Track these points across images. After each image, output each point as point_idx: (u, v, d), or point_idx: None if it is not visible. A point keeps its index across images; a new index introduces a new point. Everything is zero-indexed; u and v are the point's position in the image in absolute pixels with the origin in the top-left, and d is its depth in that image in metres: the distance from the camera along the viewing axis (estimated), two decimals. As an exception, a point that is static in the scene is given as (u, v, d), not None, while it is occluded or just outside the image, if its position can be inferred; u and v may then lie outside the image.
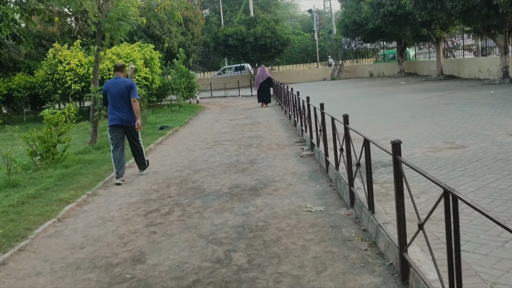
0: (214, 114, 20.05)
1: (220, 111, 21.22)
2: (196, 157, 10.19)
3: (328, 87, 29.91)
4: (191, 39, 36.56)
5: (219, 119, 17.97)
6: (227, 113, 20.00)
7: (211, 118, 18.41)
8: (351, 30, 32.86)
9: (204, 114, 20.44)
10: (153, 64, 21.72)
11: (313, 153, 9.40)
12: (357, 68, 39.50)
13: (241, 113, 19.63)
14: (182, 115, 19.47)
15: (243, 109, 21.48)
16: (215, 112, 21.17)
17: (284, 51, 38.73)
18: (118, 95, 8.20)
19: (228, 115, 19.03)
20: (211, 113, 20.69)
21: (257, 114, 18.69)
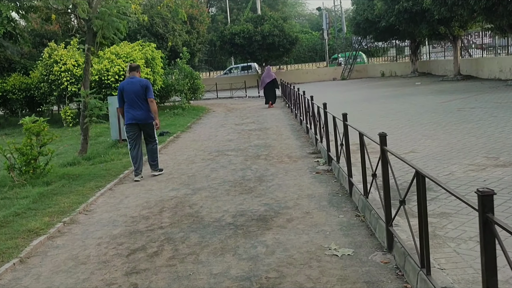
0: (219, 118, 18.81)
1: (226, 114, 19.98)
2: (197, 171, 8.95)
3: (339, 88, 28.60)
4: (196, 37, 35.31)
5: (224, 123, 16.74)
6: (233, 117, 18.76)
7: (216, 123, 17.17)
8: (363, 28, 31.51)
9: (209, 118, 19.21)
10: (154, 64, 20.50)
11: (330, 168, 8.14)
12: (368, 68, 38.14)
13: (248, 116, 18.39)
14: (184, 118, 18.25)
15: (250, 111, 20.23)
16: (220, 115, 19.94)
17: (292, 50, 37.42)
18: (134, 94, 8.35)
19: (234, 119, 17.79)
20: (216, 116, 19.47)
21: (265, 117, 17.44)
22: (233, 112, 20.54)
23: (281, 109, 20.51)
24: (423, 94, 19.28)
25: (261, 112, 19.76)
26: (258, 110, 20.78)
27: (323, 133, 8.98)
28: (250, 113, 19.66)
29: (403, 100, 17.71)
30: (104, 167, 9.69)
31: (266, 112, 19.59)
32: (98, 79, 18.66)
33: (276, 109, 20.39)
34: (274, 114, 18.37)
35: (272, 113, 19.01)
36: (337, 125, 7.41)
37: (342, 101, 19.21)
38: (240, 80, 35.41)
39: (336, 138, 7.52)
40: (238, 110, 21.55)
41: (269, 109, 20.65)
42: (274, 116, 17.66)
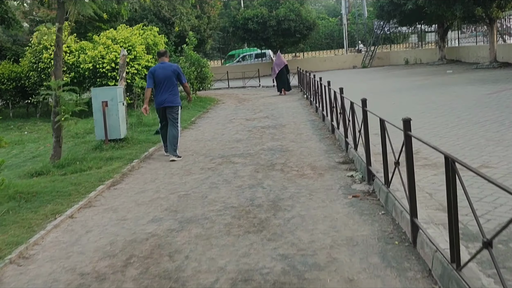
0: (228, 111, 16.61)
1: (236, 107, 17.76)
2: (191, 188, 6.78)
3: (361, 76, 26.17)
4: (207, 23, 33.07)
5: (233, 118, 14.54)
6: (244, 109, 16.55)
7: (224, 117, 14.97)
8: (387, 11, 28.93)
9: (217, 110, 17.01)
10: (156, 50, 18.31)
11: (372, 189, 5.91)
12: (390, 55, 35.56)
13: (261, 109, 16.16)
14: (189, 112, 16.04)
15: (264, 103, 17.99)
16: (230, 107, 17.72)
17: (310, 36, 34.98)
18: (165, 79, 8.74)
19: (245, 113, 15.58)
20: (225, 109, 17.26)
21: (281, 111, 15.20)
22: (245, 104, 18.31)
23: (299, 100, 18.23)
24: (461, 84, 16.85)
25: (276, 104, 17.51)
26: (273, 101, 18.53)
27: (360, 138, 6.73)
28: (264, 105, 17.41)
29: (440, 91, 15.33)
30: (75, 180, 7.56)
31: (281, 104, 17.33)
32: (92, 67, 16.59)
33: (292, 101, 18.12)
34: (290, 107, 16.11)
35: (288, 105, 16.74)
36: (386, 130, 5.17)
37: (368, 92, 16.83)
38: (253, 68, 33.10)
39: (385, 149, 5.27)
40: (250, 101, 19.33)
41: (285, 101, 18.39)
42: (291, 110, 15.40)
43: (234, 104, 18.83)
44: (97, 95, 10.44)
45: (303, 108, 15.64)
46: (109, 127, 10.43)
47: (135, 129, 12.59)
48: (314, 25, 33.92)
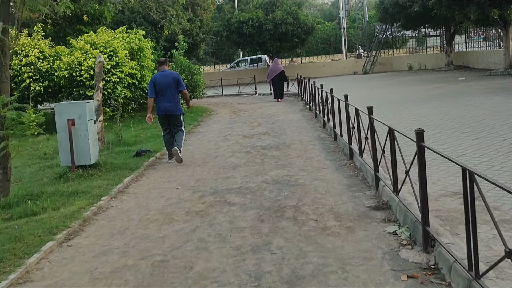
0: (222, 124, 14.73)
1: (231, 119, 15.89)
2: (170, 250, 4.88)
3: (365, 83, 24.36)
4: (199, 26, 31.26)
5: (228, 133, 12.67)
6: (240, 122, 14.69)
7: (217, 132, 13.09)
8: (391, 14, 27.18)
9: (209, 123, 15.14)
10: (142, 56, 16.43)
11: (434, 262, 4.02)
12: (393, 60, 33.83)
13: (260, 122, 14.31)
14: (194, 118, 14.23)
15: (262, 115, 16.14)
16: (224, 120, 15.85)
17: (308, 40, 33.21)
18: (166, 86, 8.97)
19: (241, 127, 13.73)
20: (219, 122, 15.39)
21: (282, 125, 13.36)
22: (241, 116, 16.44)
23: (301, 112, 16.38)
24: (482, 94, 15.06)
25: (275, 116, 15.65)
26: (272, 112, 16.68)
27: (391, 168, 4.85)
28: (262, 117, 15.55)
29: (462, 102, 13.52)
30: (18, 230, 5.66)
31: (282, 116, 15.47)
32: (69, 75, 14.68)
33: (294, 112, 16.28)
34: (293, 120, 14.26)
35: (290, 118, 14.89)
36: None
37: (378, 102, 15.02)
38: (249, 74, 31.28)
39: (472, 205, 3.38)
40: (247, 112, 17.46)
41: (286, 112, 16.55)
42: (293, 123, 13.55)
43: (229, 115, 16.95)
44: (62, 112, 8.53)
45: (307, 122, 13.79)
46: (77, 150, 8.52)
47: (112, 149, 10.69)
48: (313, 29, 32.15)
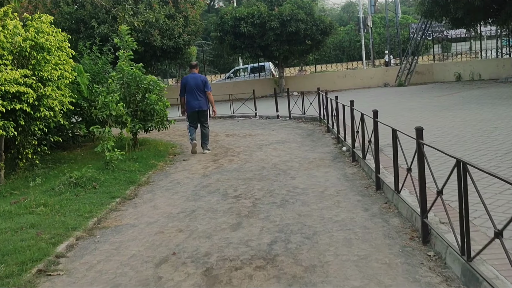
0: (178, 199, 7.16)
1: (202, 179, 8.33)
2: None
3: (409, 101, 16.76)
4: (183, 25, 23.84)
5: (173, 249, 5.10)
6: (215, 195, 7.15)
7: (149, 240, 5.52)
8: (442, 5, 19.60)
9: (151, 197, 7.54)
10: (44, 60, 8.95)
11: None
12: (434, 68, 26.26)
13: (257, 197, 6.79)
14: (93, 198, 6.76)
15: (264, 167, 8.65)
16: (188, 182, 8.26)
17: (325, 42, 25.70)
18: (196, 87, 10.50)
19: (214, 213, 6.19)
20: (174, 190, 7.81)
21: (308, 212, 5.83)
22: (223, 170, 8.88)
23: (332, 156, 8.79)
24: None
25: (288, 170, 8.14)
26: (281, 157, 9.14)
27: None
28: (263, 176, 8.02)
29: None
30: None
31: (301, 173, 7.91)
32: None
33: (322, 158, 8.72)
34: (327, 189, 6.67)
35: (321, 180, 7.31)
36: None
37: (470, 138, 7.54)
38: (247, 87, 23.85)
39: None
40: (237, 157, 9.96)
41: (307, 160, 8.98)
42: (334, 209, 5.96)
43: (203, 166, 9.39)
44: None
45: (359, 192, 6.26)
46: None
47: None
48: (331, 28, 24.64)
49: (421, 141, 4.43)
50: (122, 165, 8.95)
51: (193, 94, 10.45)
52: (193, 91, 10.44)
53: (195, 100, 10.47)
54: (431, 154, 5.87)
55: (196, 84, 10.48)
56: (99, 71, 12.82)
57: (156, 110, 10.56)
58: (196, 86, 10.47)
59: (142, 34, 22.25)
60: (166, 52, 24.09)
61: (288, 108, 16.20)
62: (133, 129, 10.31)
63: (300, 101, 15.94)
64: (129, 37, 10.99)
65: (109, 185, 7.77)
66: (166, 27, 22.90)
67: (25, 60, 8.79)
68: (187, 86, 10.49)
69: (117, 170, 8.68)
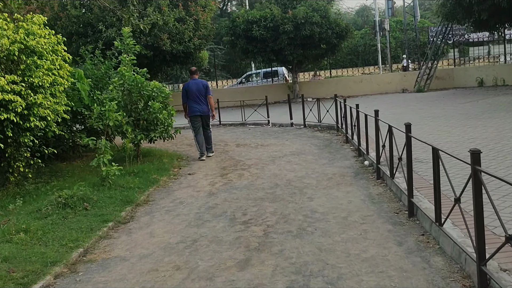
0: (178, 224, 6.27)
1: (208, 198, 7.42)
2: None
3: (429, 108, 15.71)
4: (193, 29, 23.05)
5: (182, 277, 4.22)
6: (221, 220, 6.24)
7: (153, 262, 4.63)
8: (466, 7, 18.55)
9: (156, 217, 6.67)
10: (33, 65, 8.12)
11: None
12: (455, 73, 25.15)
13: (269, 223, 5.88)
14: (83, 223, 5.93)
15: (277, 184, 7.74)
16: (192, 202, 7.37)
17: (341, 46, 24.73)
18: (198, 92, 10.66)
19: (219, 245, 5.27)
20: (175, 212, 6.92)
21: (331, 245, 4.87)
22: (232, 187, 7.98)
23: (352, 171, 7.82)
24: None
25: (305, 188, 7.22)
26: (296, 172, 8.21)
27: None
28: (276, 196, 7.12)
29: None
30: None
31: (320, 193, 6.99)
32: None
33: (342, 174, 7.78)
34: (350, 214, 5.72)
35: (343, 202, 6.37)
36: None
37: None
38: (260, 93, 23.00)
39: None
40: (248, 171, 9.05)
41: (326, 177, 8.03)
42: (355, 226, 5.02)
43: (210, 182, 8.48)
44: None
45: (388, 218, 5.31)
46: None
47: None
48: (347, 32, 23.66)
49: (478, 168, 3.48)
50: (120, 181, 8.08)
51: (195, 99, 10.61)
52: (195, 96, 10.61)
53: (197, 104, 10.65)
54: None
55: (198, 89, 10.67)
56: (102, 76, 12.00)
57: (160, 119, 9.68)
58: (198, 91, 10.66)
59: (151, 38, 21.52)
60: (176, 57, 23.26)
61: (303, 115, 15.26)
62: (135, 139, 9.44)
63: (316, 108, 14.99)
64: (131, 39, 10.12)
65: (103, 205, 6.89)
66: (176, 30, 22.13)
67: (14, 65, 7.97)
68: (189, 91, 10.63)
69: (114, 187, 7.81)
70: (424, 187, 6.12)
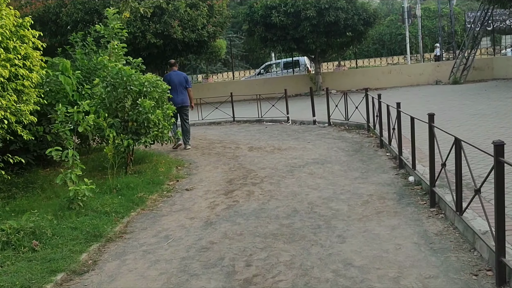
0: (168, 265, 4.44)
1: (207, 225, 5.57)
2: None
3: (482, 105, 13.52)
4: (207, 15, 21.18)
5: None
6: (232, 252, 4.40)
7: None
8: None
9: (128, 263, 4.85)
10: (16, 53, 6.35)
11: None
12: (494, 63, 22.80)
13: (290, 259, 4.00)
14: (20, 276, 4.16)
15: (295, 209, 5.85)
16: (190, 229, 5.54)
17: (367, 34, 22.59)
18: (179, 84, 10.90)
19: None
20: (164, 249, 5.11)
21: None
22: (237, 212, 6.11)
23: (401, 203, 5.89)
24: None
25: (338, 217, 5.30)
26: (324, 191, 6.31)
27: None
28: (300, 224, 5.26)
29: None
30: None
31: (355, 227, 5.07)
32: None
33: (382, 195, 5.85)
34: (405, 272, 3.81)
35: (387, 252, 4.46)
36: None
37: None
38: (279, 84, 21.09)
39: None
40: (259, 186, 7.19)
41: (364, 200, 6.11)
42: None
43: (208, 207, 6.61)
44: None
45: (465, 285, 3.37)
46: None
47: None
48: (375, 18, 21.50)
49: None
50: (94, 203, 6.29)
51: (176, 89, 10.72)
52: (177, 88, 10.74)
53: (178, 96, 10.78)
54: None
55: (179, 81, 10.91)
56: (94, 68, 10.22)
57: (152, 120, 7.83)
58: (179, 82, 10.89)
59: (161, 25, 19.71)
60: (188, 46, 21.41)
61: (328, 111, 13.29)
62: (120, 146, 7.61)
63: (342, 103, 12.99)
64: (118, 22, 8.28)
65: (60, 243, 5.10)
66: (187, 17, 20.26)
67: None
68: (171, 83, 10.59)
69: (85, 212, 6.03)
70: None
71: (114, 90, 7.70)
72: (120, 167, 8.23)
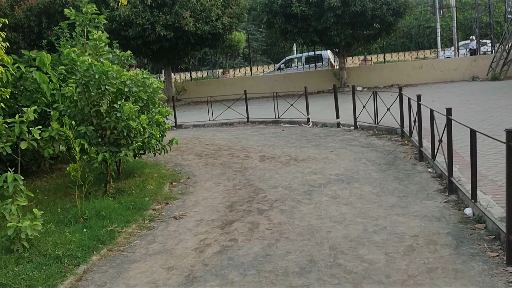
0: None
1: (188, 281, 3.96)
2: None
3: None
4: (222, 6, 19.58)
5: None
6: None
7: None
8: None
9: None
10: None
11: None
12: (538, 57, 20.64)
13: None
14: None
15: (314, 234, 4.22)
16: (167, 284, 3.93)
17: (397, 26, 20.67)
18: None
19: None
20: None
21: None
22: (231, 260, 4.49)
23: (461, 253, 4.18)
24: None
25: (375, 274, 3.63)
26: (350, 231, 4.65)
27: None
28: (319, 287, 3.57)
29: None
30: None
31: None
32: None
33: (438, 266, 4.13)
34: None
35: None
36: None
37: None
38: (300, 80, 19.37)
39: None
40: (266, 216, 5.60)
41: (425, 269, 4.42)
42: None
43: (194, 250, 5.00)
44: None
45: None
46: None
47: None
48: (406, 8, 19.56)
49: None
50: (45, 241, 4.73)
51: None
52: None
53: None
54: None
55: None
56: (82, 63, 8.68)
57: (134, 127, 6.22)
58: None
59: (171, 16, 18.19)
60: (202, 39, 19.84)
61: (354, 113, 11.54)
62: (95, 161, 6.04)
63: (371, 103, 11.20)
64: (92, 6, 6.69)
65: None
66: (200, 7, 18.67)
67: None
68: None
69: (28, 257, 4.47)
70: None
71: (86, 91, 6.12)
72: (99, 184, 6.68)
